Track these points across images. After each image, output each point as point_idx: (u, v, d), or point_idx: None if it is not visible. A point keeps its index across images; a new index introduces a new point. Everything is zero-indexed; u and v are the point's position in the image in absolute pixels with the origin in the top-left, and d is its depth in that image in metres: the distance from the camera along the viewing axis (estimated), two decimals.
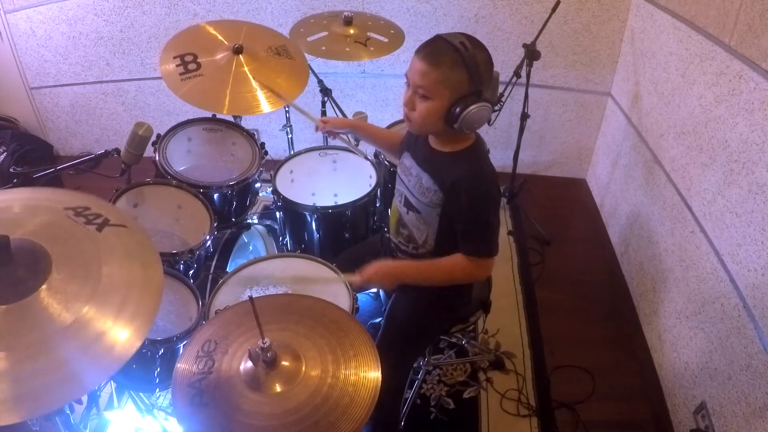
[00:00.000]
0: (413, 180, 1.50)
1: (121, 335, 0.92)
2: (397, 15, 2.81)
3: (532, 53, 2.38)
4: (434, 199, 1.44)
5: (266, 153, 2.14)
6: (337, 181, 2.18)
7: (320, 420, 1.02)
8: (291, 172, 2.13)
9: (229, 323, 1.22)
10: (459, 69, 1.29)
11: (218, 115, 2.09)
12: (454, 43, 1.28)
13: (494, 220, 1.42)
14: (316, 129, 1.86)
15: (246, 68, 1.90)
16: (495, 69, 2.46)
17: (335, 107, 2.40)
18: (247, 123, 2.27)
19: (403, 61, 2.92)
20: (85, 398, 1.67)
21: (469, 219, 1.41)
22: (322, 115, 2.51)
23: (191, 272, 1.74)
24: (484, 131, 1.84)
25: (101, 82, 3.17)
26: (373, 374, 1.10)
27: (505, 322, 2.39)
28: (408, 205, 1.53)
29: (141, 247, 1.08)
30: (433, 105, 1.34)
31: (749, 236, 1.65)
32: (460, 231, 1.43)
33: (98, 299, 0.94)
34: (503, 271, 2.65)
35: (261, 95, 1.86)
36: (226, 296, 1.59)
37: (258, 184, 2.10)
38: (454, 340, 2.25)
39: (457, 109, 1.31)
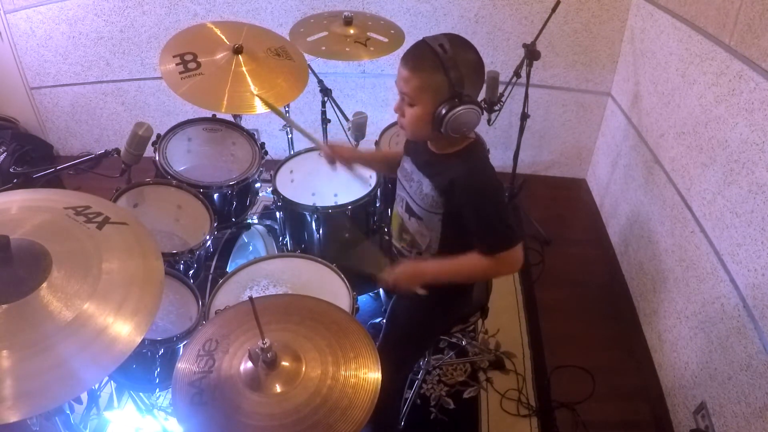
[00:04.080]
0: (414, 185, 1.48)
1: (123, 331, 0.92)
2: (397, 15, 2.81)
3: (532, 53, 2.38)
4: (433, 204, 1.42)
5: (266, 153, 2.14)
6: (337, 181, 2.18)
7: (319, 421, 1.02)
8: (291, 172, 2.13)
9: (231, 322, 1.22)
10: (438, 73, 1.26)
11: (218, 115, 2.09)
12: (434, 46, 1.26)
13: (499, 211, 1.37)
14: (320, 154, 1.83)
15: (245, 68, 1.90)
16: (495, 69, 2.47)
17: (335, 107, 2.40)
18: (247, 123, 2.27)
19: None
20: (85, 398, 1.67)
21: (474, 218, 1.38)
22: (322, 116, 2.51)
23: (191, 272, 1.74)
24: (484, 131, 1.85)
25: (101, 82, 3.17)
26: (372, 376, 1.10)
27: (505, 322, 2.39)
28: (409, 211, 1.51)
29: (141, 243, 1.08)
30: (417, 111, 1.32)
31: (749, 236, 1.65)
32: (470, 232, 1.40)
33: (99, 296, 0.94)
34: None
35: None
36: (226, 296, 1.59)
37: (258, 184, 2.10)
38: (454, 340, 2.25)
39: (442, 112, 1.28)
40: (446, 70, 1.25)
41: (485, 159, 1.45)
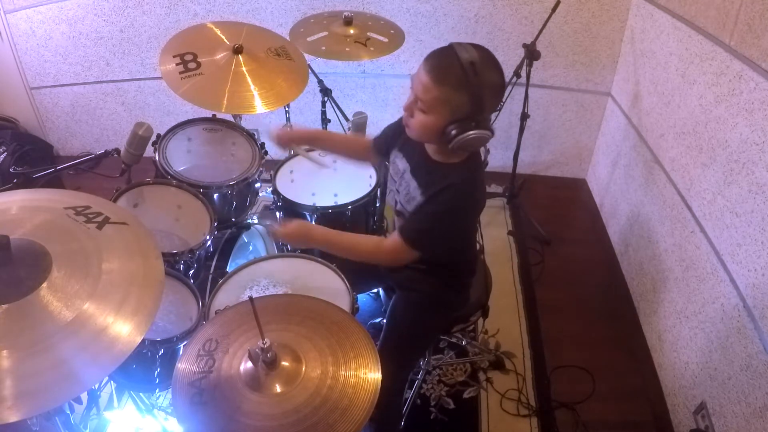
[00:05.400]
0: (403, 186, 1.47)
1: (123, 331, 0.92)
2: (397, 15, 2.81)
3: (532, 53, 2.38)
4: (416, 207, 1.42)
5: (266, 153, 2.14)
6: (337, 181, 2.18)
7: (319, 421, 1.02)
8: (291, 172, 2.13)
9: (231, 322, 1.22)
10: (462, 92, 1.23)
11: (218, 115, 2.09)
12: (464, 63, 1.21)
13: (443, 225, 1.37)
14: (272, 138, 1.72)
15: (245, 68, 1.90)
16: None
17: (335, 107, 2.40)
18: (247, 123, 2.27)
19: (403, 61, 2.92)
20: (85, 398, 1.67)
21: (421, 210, 1.38)
22: (322, 116, 2.51)
23: (191, 272, 1.74)
24: None
25: (101, 82, 3.17)
26: (372, 376, 1.10)
27: (505, 322, 2.39)
28: (399, 209, 1.52)
29: (141, 243, 1.08)
30: (429, 120, 1.29)
31: (749, 236, 1.65)
32: (410, 211, 1.40)
33: (99, 296, 0.94)
34: (503, 271, 2.65)
35: (258, 95, 1.86)
36: (226, 296, 1.59)
37: (258, 184, 2.10)
38: (454, 340, 2.25)
39: (453, 132, 1.26)
40: (470, 92, 1.22)
41: (480, 176, 1.43)
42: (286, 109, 2.42)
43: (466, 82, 1.22)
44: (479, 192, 1.43)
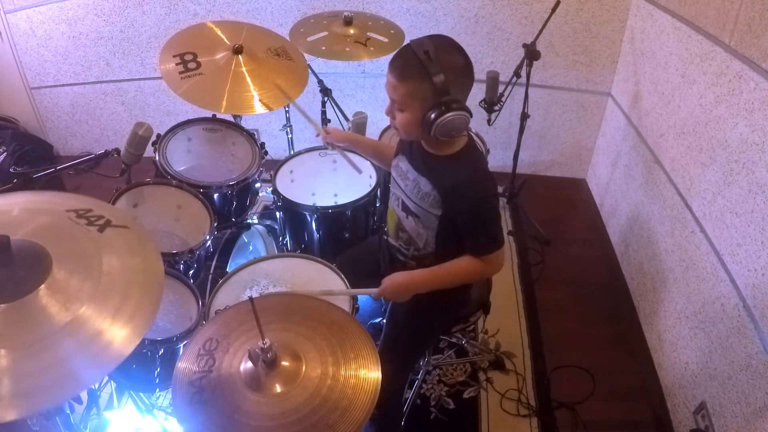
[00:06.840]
0: (410, 184, 1.49)
1: (119, 334, 0.92)
2: (397, 15, 2.81)
3: (532, 53, 2.38)
4: (433, 203, 1.44)
5: (266, 153, 2.14)
6: (337, 181, 2.18)
7: (319, 421, 1.02)
8: (291, 172, 2.13)
9: (231, 322, 1.22)
10: (423, 81, 1.28)
11: (218, 115, 2.09)
12: (418, 53, 1.26)
13: (494, 217, 1.43)
14: (317, 135, 1.91)
15: (245, 69, 1.90)
16: (495, 69, 2.47)
17: (335, 107, 2.40)
18: (247, 123, 2.27)
19: None
20: (85, 398, 1.67)
21: (469, 222, 1.42)
22: (322, 116, 2.51)
23: (191, 272, 1.74)
24: (484, 131, 1.86)
25: (101, 82, 3.17)
26: (372, 377, 1.10)
27: (505, 322, 2.39)
28: (406, 209, 1.52)
29: (142, 247, 1.08)
30: (407, 116, 1.35)
31: (749, 236, 1.65)
32: (462, 233, 1.44)
33: (97, 299, 0.94)
34: (503, 271, 2.59)
35: (257, 95, 1.86)
36: (226, 296, 1.59)
37: (258, 184, 2.10)
38: (454, 340, 2.25)
39: (431, 118, 1.30)
40: (431, 77, 1.26)
41: (483, 164, 1.47)
42: (286, 109, 2.42)
43: (425, 69, 1.26)
44: (485, 172, 1.46)
